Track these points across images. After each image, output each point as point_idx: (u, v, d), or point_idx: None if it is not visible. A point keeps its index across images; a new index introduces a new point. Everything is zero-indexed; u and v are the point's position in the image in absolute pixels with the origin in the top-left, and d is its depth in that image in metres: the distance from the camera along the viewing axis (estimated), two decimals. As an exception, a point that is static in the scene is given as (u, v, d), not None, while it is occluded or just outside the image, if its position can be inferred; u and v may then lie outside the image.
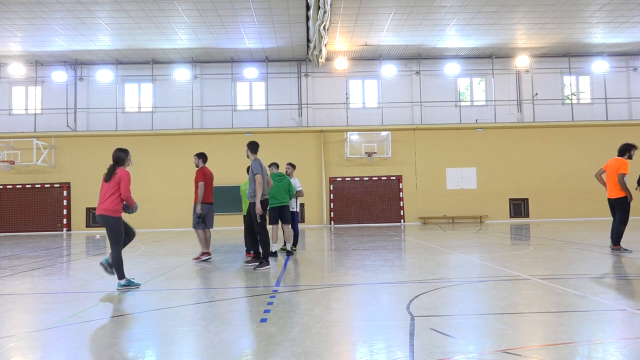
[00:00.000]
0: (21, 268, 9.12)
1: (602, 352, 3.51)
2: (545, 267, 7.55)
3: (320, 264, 9.03)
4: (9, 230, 22.87)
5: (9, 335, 4.26)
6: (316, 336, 3.95)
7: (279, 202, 9.82)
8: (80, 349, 3.83)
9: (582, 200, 23.58)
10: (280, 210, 9.88)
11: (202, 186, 9.29)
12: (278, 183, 9.83)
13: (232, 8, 17.93)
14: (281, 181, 9.90)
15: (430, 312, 4.76)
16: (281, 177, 9.99)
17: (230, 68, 24.19)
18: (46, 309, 5.35)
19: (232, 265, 8.74)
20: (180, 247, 13.03)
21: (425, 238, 14.26)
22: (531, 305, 5.03)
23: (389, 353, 3.54)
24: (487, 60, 24.48)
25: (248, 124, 24.10)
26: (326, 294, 5.79)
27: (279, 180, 9.88)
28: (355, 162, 23.71)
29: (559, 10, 18.88)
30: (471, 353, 3.47)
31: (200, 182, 9.32)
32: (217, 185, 22.77)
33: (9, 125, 23.86)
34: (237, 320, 4.61)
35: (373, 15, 18.93)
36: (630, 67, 24.69)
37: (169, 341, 4.03)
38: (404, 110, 24.38)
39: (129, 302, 5.64)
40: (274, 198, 9.70)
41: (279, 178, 9.94)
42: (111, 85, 24.08)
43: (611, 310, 4.63)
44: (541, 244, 11.38)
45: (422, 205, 23.67)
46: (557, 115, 24.49)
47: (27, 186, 23.38)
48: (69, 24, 19.15)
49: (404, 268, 8.10)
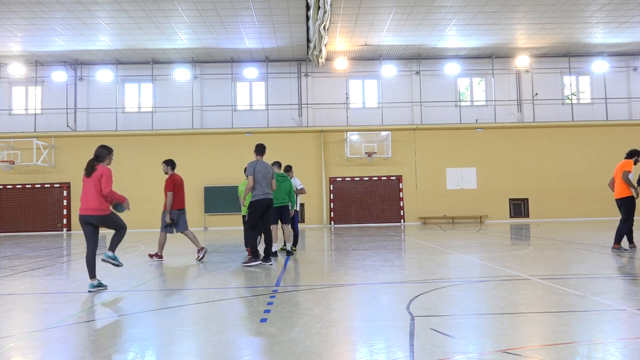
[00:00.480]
0: (21, 268, 9.12)
1: (602, 352, 3.51)
2: (545, 267, 7.55)
3: (320, 264, 9.03)
4: (9, 230, 22.87)
5: (9, 335, 4.26)
6: (316, 336, 3.95)
7: (279, 202, 9.83)
8: (80, 349, 3.83)
9: (582, 200, 23.59)
10: (281, 210, 9.88)
11: (170, 196, 9.44)
12: (280, 184, 9.83)
13: (232, 8, 17.93)
14: (283, 182, 9.92)
15: (430, 312, 4.76)
16: (284, 178, 9.99)
17: (230, 68, 24.19)
18: (46, 309, 5.35)
19: (232, 265, 8.74)
20: (180, 247, 13.03)
21: (425, 238, 14.26)
22: (531, 305, 5.03)
23: (389, 353, 3.54)
24: (487, 60, 24.48)
25: (248, 124, 24.10)
26: (326, 294, 5.79)
27: (281, 181, 9.89)
28: (355, 162, 23.72)
29: (559, 10, 18.88)
30: (471, 353, 3.47)
31: (169, 192, 9.42)
32: (217, 185, 22.90)
33: (9, 125, 23.86)
34: (237, 320, 4.61)
35: (373, 15, 18.93)
36: (630, 67, 24.69)
37: (169, 341, 4.03)
38: (404, 110, 24.38)
39: (129, 302, 5.64)
40: (275, 198, 9.66)
41: (282, 178, 9.95)
42: (111, 85, 24.09)
43: (611, 310, 4.63)
44: (541, 244, 11.38)
45: (422, 205, 23.68)
46: (557, 115, 24.49)
47: (27, 186, 23.38)
48: (69, 24, 19.16)
49: (404, 268, 8.10)
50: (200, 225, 23.24)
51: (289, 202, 10.03)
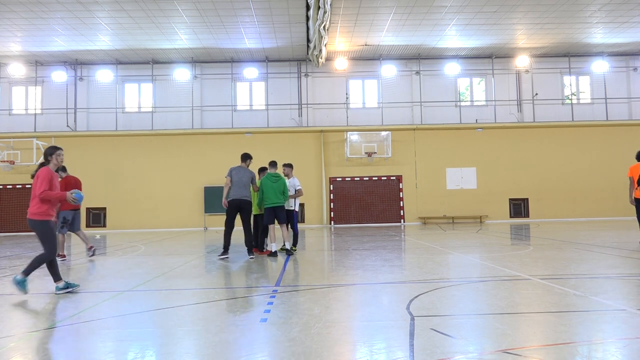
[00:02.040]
0: (21, 268, 9.11)
1: (602, 352, 3.51)
2: (545, 267, 7.54)
3: (320, 264, 9.03)
4: (9, 230, 22.88)
5: (9, 335, 4.26)
6: (316, 336, 3.95)
7: (273, 203, 9.94)
8: (80, 349, 3.83)
9: (582, 200, 23.59)
10: (275, 210, 9.98)
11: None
12: (273, 184, 9.95)
13: (232, 8, 17.93)
14: (276, 182, 9.99)
15: (430, 312, 4.76)
16: (277, 178, 10.06)
17: (230, 68, 24.19)
18: (46, 309, 5.35)
19: (232, 265, 8.74)
20: (180, 247, 13.03)
21: (425, 238, 14.26)
22: (531, 305, 5.03)
23: (389, 353, 3.54)
24: (487, 60, 24.48)
25: (248, 124, 24.10)
26: (326, 294, 5.79)
27: (274, 181, 9.98)
28: (355, 162, 23.71)
29: (559, 10, 18.88)
30: (471, 353, 3.47)
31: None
32: (217, 185, 22.86)
33: (9, 125, 23.87)
34: (237, 320, 4.61)
35: (373, 15, 18.93)
36: (630, 67, 24.69)
37: (169, 341, 4.03)
38: (404, 110, 24.38)
39: (129, 302, 5.64)
40: (268, 199, 9.95)
41: (275, 179, 10.03)
42: (111, 85, 24.09)
43: (611, 310, 4.63)
44: (541, 244, 11.38)
45: (422, 205, 23.67)
46: (557, 115, 24.49)
47: (27, 186, 23.37)
48: (69, 24, 19.16)
49: (404, 268, 8.10)
50: (200, 226, 23.24)
51: (284, 202, 10.07)
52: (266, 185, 9.95)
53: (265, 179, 10.04)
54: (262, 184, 10.04)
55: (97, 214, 23.43)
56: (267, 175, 10.08)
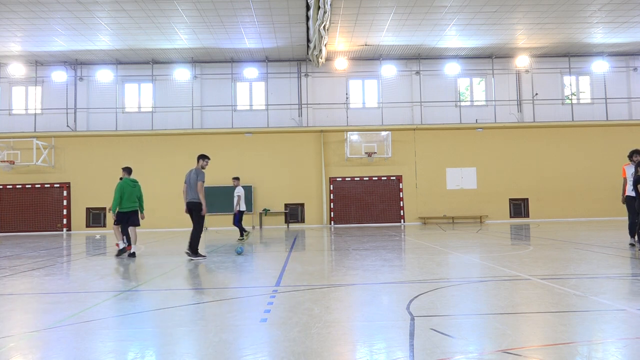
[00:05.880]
0: (21, 268, 9.12)
1: (602, 352, 3.51)
2: (545, 267, 7.54)
3: (320, 264, 9.03)
4: (9, 230, 22.88)
5: (9, 335, 4.26)
6: (316, 336, 3.95)
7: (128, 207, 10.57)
8: (80, 349, 3.83)
9: (582, 200, 23.60)
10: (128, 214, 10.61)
11: None
12: (132, 189, 10.64)
13: (232, 8, 17.93)
14: (134, 187, 10.70)
15: (430, 312, 4.76)
16: (134, 184, 10.78)
17: (230, 68, 24.19)
18: (46, 309, 5.35)
19: (232, 266, 8.74)
20: (180, 247, 13.03)
21: (425, 238, 14.26)
22: (531, 305, 5.03)
23: (389, 353, 3.54)
24: (487, 60, 24.48)
25: (248, 124, 24.11)
26: (326, 294, 5.79)
27: (132, 186, 10.68)
28: (355, 162, 23.71)
29: (559, 10, 18.88)
30: (471, 353, 3.47)
31: None
32: (216, 185, 22.84)
33: (9, 125, 23.87)
34: (237, 320, 4.61)
35: (373, 15, 18.93)
36: (630, 67, 24.69)
37: (169, 341, 4.03)
38: (403, 110, 24.39)
39: (129, 302, 5.64)
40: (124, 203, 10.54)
41: (132, 184, 10.73)
42: (111, 85, 24.09)
43: (611, 310, 4.63)
44: (541, 244, 11.38)
45: (422, 205, 23.68)
46: (557, 115, 24.49)
47: (27, 186, 23.39)
48: (69, 24, 19.16)
49: (404, 268, 8.10)
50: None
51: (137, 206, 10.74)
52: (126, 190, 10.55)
53: (125, 184, 10.60)
54: (122, 188, 10.55)
55: (97, 214, 23.42)
56: (125, 180, 10.66)
